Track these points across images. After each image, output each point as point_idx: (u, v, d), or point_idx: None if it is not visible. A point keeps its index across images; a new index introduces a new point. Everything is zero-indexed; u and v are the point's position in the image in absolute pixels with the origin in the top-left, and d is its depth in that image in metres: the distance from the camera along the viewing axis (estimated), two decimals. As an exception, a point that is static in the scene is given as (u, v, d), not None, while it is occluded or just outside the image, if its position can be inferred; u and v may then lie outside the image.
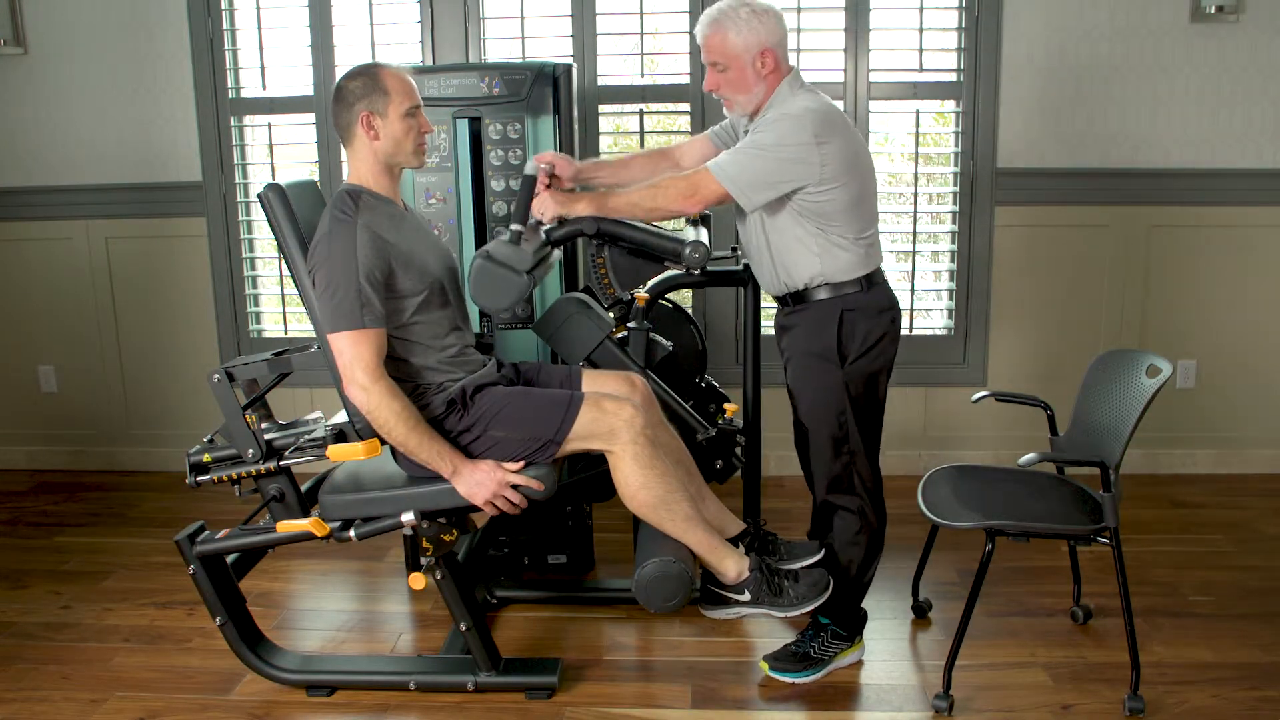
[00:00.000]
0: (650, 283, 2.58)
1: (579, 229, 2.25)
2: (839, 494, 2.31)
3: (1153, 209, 3.52)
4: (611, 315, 2.42)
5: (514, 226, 2.16)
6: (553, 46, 3.52)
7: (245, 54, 3.67)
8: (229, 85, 3.63)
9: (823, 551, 2.41)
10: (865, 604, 2.45)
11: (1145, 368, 2.27)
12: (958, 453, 3.61)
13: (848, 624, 2.38)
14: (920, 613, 2.64)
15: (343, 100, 2.13)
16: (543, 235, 2.25)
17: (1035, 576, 2.82)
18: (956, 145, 3.56)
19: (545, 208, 2.25)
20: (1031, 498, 2.30)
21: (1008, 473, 2.44)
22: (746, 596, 2.23)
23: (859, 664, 2.41)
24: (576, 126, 2.83)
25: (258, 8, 3.59)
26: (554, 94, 2.72)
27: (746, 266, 2.66)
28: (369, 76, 2.12)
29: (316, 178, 3.63)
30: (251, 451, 2.17)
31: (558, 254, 2.32)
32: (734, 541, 2.34)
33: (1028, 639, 2.50)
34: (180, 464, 2.32)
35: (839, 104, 3.49)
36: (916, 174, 3.58)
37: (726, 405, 2.72)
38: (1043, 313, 3.61)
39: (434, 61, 3.53)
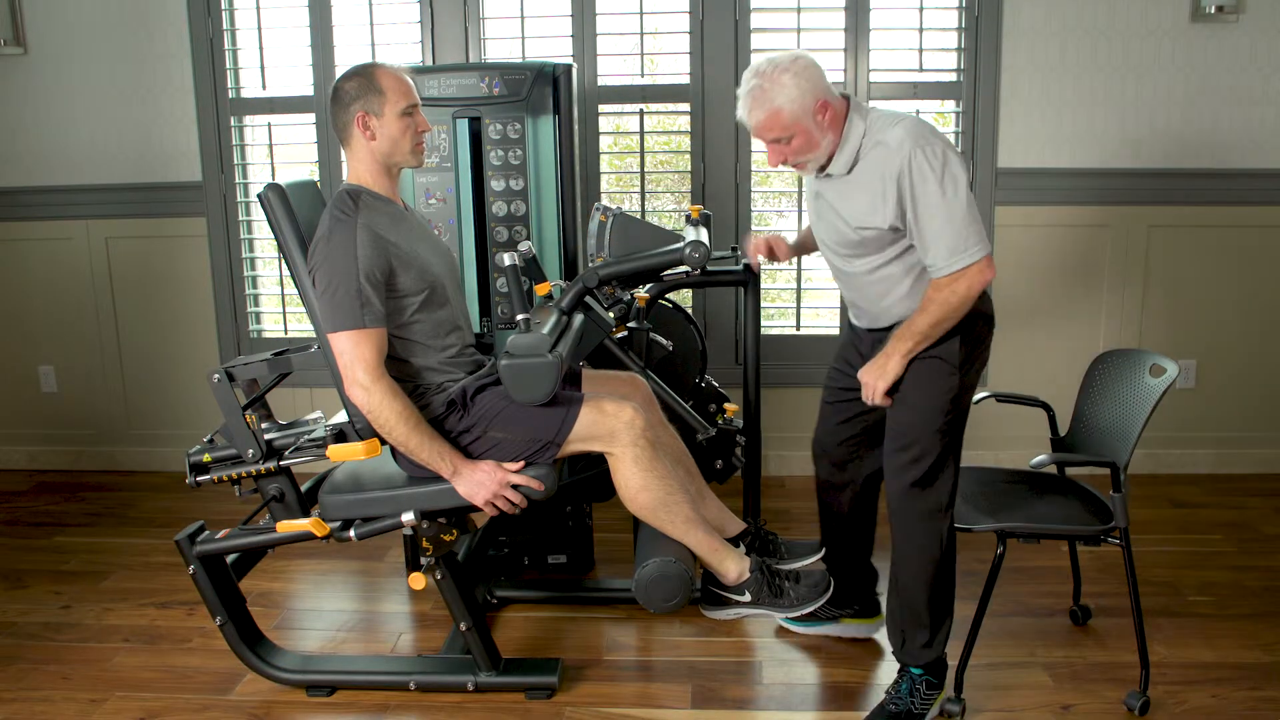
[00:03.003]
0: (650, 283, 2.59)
1: (582, 285, 2.29)
2: (920, 491, 2.09)
3: (1153, 209, 3.52)
4: (611, 315, 2.43)
5: (519, 317, 2.14)
6: (553, 46, 3.52)
7: (245, 54, 3.67)
8: (229, 85, 3.63)
9: (823, 550, 2.41)
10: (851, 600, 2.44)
11: (1149, 367, 2.28)
12: (958, 453, 3.61)
13: (938, 669, 2.19)
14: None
15: (339, 101, 2.13)
16: (554, 311, 2.25)
17: (1035, 576, 2.82)
18: (956, 145, 3.56)
19: (882, 379, 2.08)
20: (1037, 499, 2.31)
21: (1010, 473, 2.44)
22: (747, 597, 2.23)
23: (859, 661, 2.41)
24: (576, 126, 2.83)
25: (258, 8, 3.59)
26: (554, 94, 2.72)
27: (746, 267, 2.66)
28: (364, 77, 2.12)
29: (316, 178, 3.63)
30: (251, 451, 2.17)
31: (579, 318, 2.30)
32: (734, 541, 2.34)
33: (1028, 639, 2.50)
34: (180, 464, 2.32)
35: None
36: (916, 174, 3.58)
37: (726, 405, 2.72)
38: (1043, 313, 3.61)
39: (434, 61, 3.53)
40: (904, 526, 2.13)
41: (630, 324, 2.56)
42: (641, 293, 2.59)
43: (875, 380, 2.10)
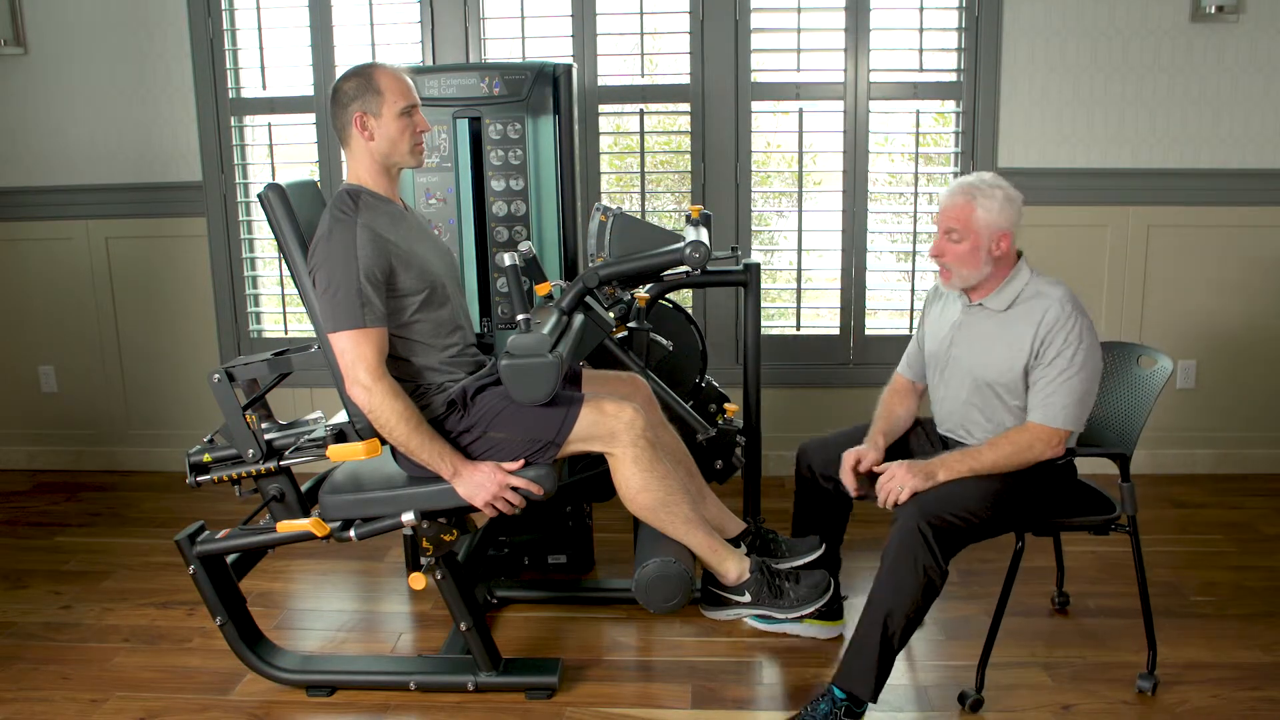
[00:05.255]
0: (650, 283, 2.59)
1: (583, 285, 2.30)
2: (936, 544, 2.03)
3: (1152, 209, 3.52)
4: (612, 315, 2.43)
5: (520, 317, 2.14)
6: (553, 46, 3.52)
7: (245, 54, 3.67)
8: (229, 85, 3.63)
9: (823, 547, 2.41)
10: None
11: (1139, 359, 2.33)
12: (958, 453, 3.61)
13: (860, 701, 2.08)
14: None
15: (338, 101, 2.13)
16: (554, 311, 2.25)
17: (1035, 576, 2.81)
18: (956, 145, 3.56)
19: (917, 484, 2.10)
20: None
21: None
22: (747, 598, 2.23)
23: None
24: (576, 126, 2.83)
25: (258, 8, 3.59)
26: (554, 94, 2.72)
27: (746, 267, 2.66)
28: (363, 77, 2.12)
29: (316, 178, 3.63)
30: (251, 451, 2.17)
31: (579, 318, 2.31)
32: (734, 542, 2.34)
33: (1028, 639, 2.50)
34: (180, 464, 2.32)
35: (839, 104, 3.51)
36: (916, 174, 3.58)
37: (726, 405, 2.72)
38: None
39: (434, 61, 3.53)
40: (898, 563, 2.05)
41: (630, 324, 2.56)
42: (641, 293, 2.60)
43: (910, 481, 2.10)
